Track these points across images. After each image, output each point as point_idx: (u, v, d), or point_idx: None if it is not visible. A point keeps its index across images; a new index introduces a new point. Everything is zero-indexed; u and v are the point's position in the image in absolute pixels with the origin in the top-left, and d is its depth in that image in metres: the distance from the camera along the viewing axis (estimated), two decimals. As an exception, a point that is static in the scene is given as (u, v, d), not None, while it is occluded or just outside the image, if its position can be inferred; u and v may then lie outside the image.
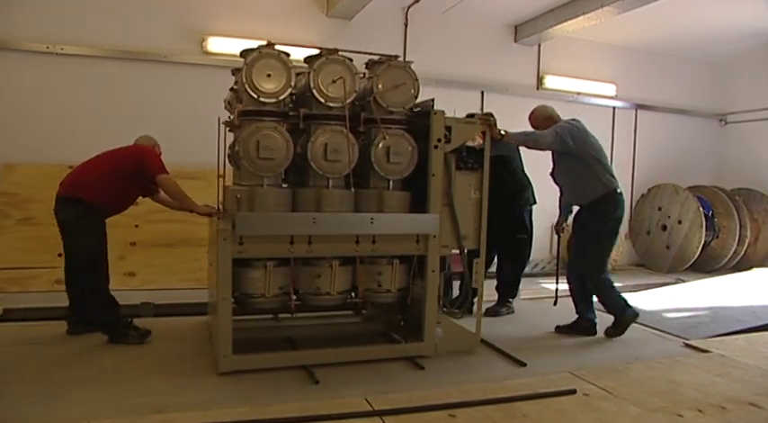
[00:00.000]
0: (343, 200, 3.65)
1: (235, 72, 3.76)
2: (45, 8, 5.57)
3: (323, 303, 3.79)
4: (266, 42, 3.55)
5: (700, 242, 7.58)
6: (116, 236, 5.43)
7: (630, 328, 4.86)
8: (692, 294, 6.16)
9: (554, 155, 4.51)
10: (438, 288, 3.86)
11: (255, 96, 3.51)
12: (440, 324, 3.89)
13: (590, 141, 4.30)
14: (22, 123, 5.55)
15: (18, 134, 5.53)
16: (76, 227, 3.91)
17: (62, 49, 5.58)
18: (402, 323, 4.23)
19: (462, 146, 3.88)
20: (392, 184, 3.78)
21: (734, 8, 6.78)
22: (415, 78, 3.81)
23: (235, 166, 3.72)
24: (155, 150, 4.21)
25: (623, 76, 8.24)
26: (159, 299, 5.07)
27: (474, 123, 3.93)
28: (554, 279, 5.13)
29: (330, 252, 3.66)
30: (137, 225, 5.57)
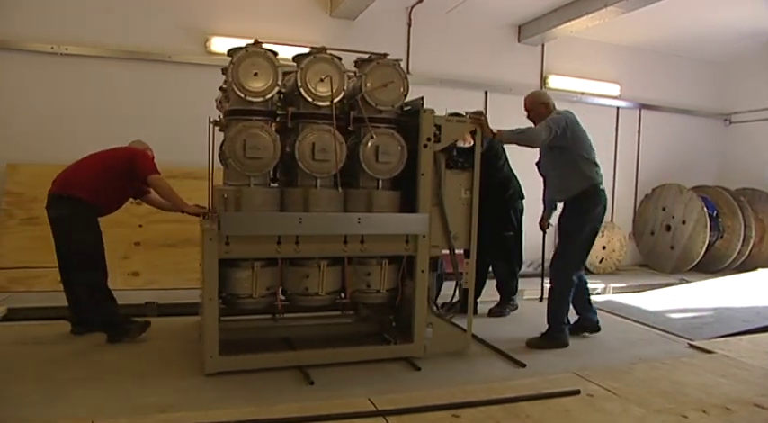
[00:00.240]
0: (331, 200, 3.62)
1: (224, 71, 3.72)
2: (49, 9, 5.59)
3: (311, 304, 3.75)
4: (253, 41, 3.52)
5: (704, 242, 7.56)
6: (120, 236, 5.50)
7: (634, 329, 4.87)
8: (696, 295, 6.13)
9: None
10: (429, 289, 3.82)
11: (242, 95, 3.47)
12: (431, 325, 3.85)
13: (581, 135, 4.18)
14: (27, 123, 5.58)
15: (22, 134, 5.55)
16: (69, 224, 3.91)
17: (66, 49, 5.60)
18: (394, 324, 4.19)
19: (453, 145, 3.84)
20: (381, 183, 3.74)
21: (738, 8, 6.76)
22: (404, 77, 3.76)
23: (224, 166, 3.69)
24: (146, 152, 4.22)
25: (627, 76, 8.22)
26: (163, 298, 5.08)
27: (464, 122, 3.87)
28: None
29: (318, 252, 3.63)
30: (141, 225, 5.59)
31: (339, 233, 3.60)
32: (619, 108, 8.28)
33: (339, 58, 3.66)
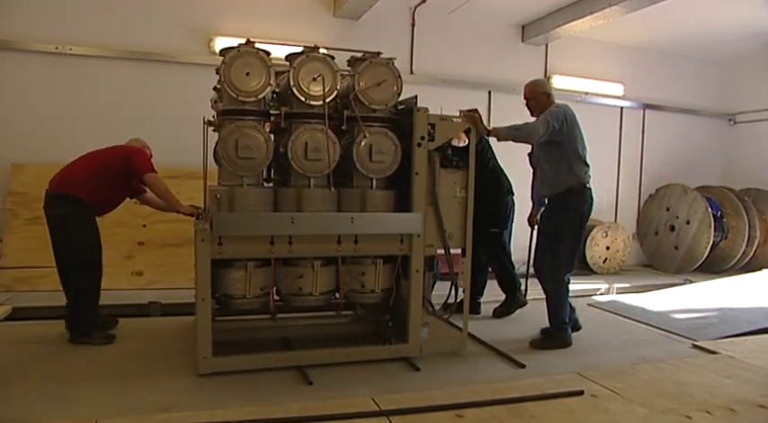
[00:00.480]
0: (324, 199, 3.60)
1: (218, 71, 3.69)
2: (52, 9, 5.61)
3: (305, 304, 3.73)
4: (245, 40, 3.51)
5: (708, 243, 7.53)
6: (124, 235, 5.52)
7: (638, 329, 4.85)
8: (700, 295, 6.11)
9: None
10: (424, 288, 3.80)
11: (235, 95, 3.46)
12: (426, 325, 3.82)
13: (577, 132, 4.12)
14: (31, 123, 5.59)
15: (26, 134, 5.57)
16: (67, 223, 3.89)
17: (71, 49, 5.62)
18: (390, 324, 4.15)
19: (447, 144, 3.81)
20: (375, 183, 3.72)
21: (742, 8, 6.74)
22: (398, 75, 3.73)
23: (218, 166, 3.68)
24: (144, 151, 4.20)
25: (631, 76, 8.20)
26: (167, 298, 5.09)
27: (458, 121, 3.83)
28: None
29: (312, 252, 3.61)
30: (144, 225, 5.60)
31: (332, 233, 3.58)
32: (623, 108, 8.26)
33: (332, 58, 3.64)
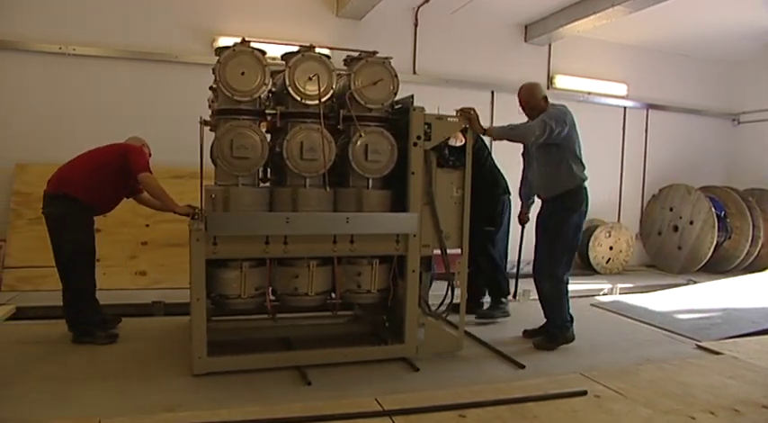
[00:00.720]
0: (320, 199, 3.59)
1: (214, 70, 3.69)
2: (55, 9, 5.63)
3: (301, 304, 3.71)
4: (240, 39, 3.50)
5: (712, 243, 7.51)
6: (127, 235, 5.54)
7: (641, 330, 4.84)
8: (704, 295, 6.10)
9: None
10: (420, 289, 3.78)
11: (230, 95, 3.46)
12: (423, 325, 3.80)
13: (575, 133, 4.10)
14: (34, 123, 5.61)
15: (27, 134, 5.58)
16: (62, 223, 3.89)
17: (74, 49, 5.63)
18: (387, 324, 4.12)
19: (444, 143, 3.79)
20: (371, 182, 3.70)
21: (745, 8, 6.72)
22: (394, 75, 3.71)
23: (214, 166, 3.67)
24: (142, 149, 4.18)
25: (634, 76, 8.18)
26: (170, 298, 5.09)
27: (454, 120, 3.80)
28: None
29: (307, 252, 3.60)
30: (147, 225, 5.61)
31: (327, 233, 3.57)
32: (626, 108, 8.25)
33: (328, 57, 3.63)
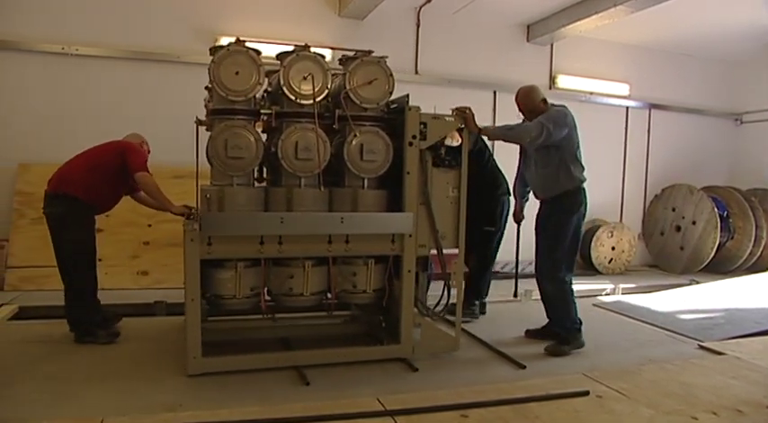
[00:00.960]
0: (315, 199, 3.57)
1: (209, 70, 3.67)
2: (57, 9, 5.64)
3: (296, 304, 3.70)
4: (235, 39, 3.50)
5: (714, 243, 7.50)
6: (129, 235, 5.54)
7: (643, 330, 4.83)
8: (706, 296, 6.08)
9: None
10: (416, 289, 3.76)
11: (224, 94, 3.45)
12: (419, 326, 3.78)
13: (575, 133, 4.06)
14: (35, 123, 5.62)
15: (31, 134, 5.60)
16: (63, 222, 3.89)
17: (77, 49, 5.65)
18: (383, 324, 4.07)
19: (440, 143, 3.77)
20: (367, 182, 3.68)
21: (747, 7, 6.71)
22: (390, 74, 3.69)
23: (210, 166, 3.66)
24: (139, 147, 4.17)
25: (637, 76, 8.18)
26: (172, 298, 5.08)
27: (450, 119, 3.78)
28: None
29: (302, 252, 3.58)
30: (150, 224, 5.61)
31: (322, 233, 3.55)
32: (628, 108, 8.24)
33: (323, 56, 3.62)
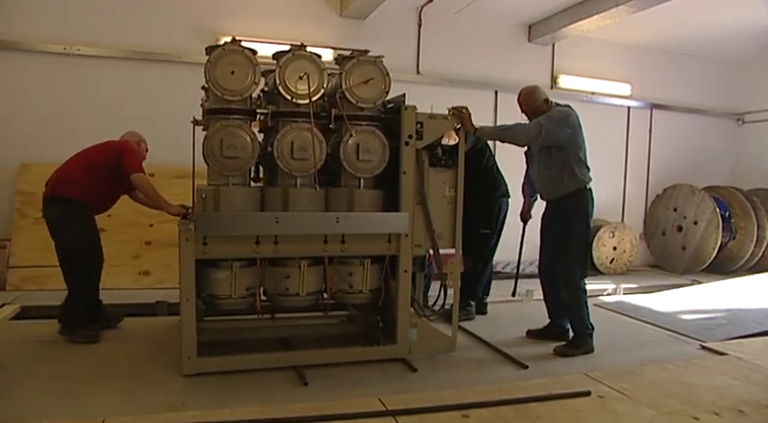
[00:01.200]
0: (311, 199, 3.56)
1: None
2: (58, 9, 5.65)
3: (292, 304, 3.69)
4: (231, 38, 3.50)
5: (716, 243, 7.49)
6: (131, 235, 5.55)
7: (645, 330, 4.83)
8: (708, 296, 6.08)
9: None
10: (413, 289, 3.76)
11: (220, 94, 3.43)
12: (416, 326, 3.77)
13: (580, 133, 4.03)
14: (35, 123, 5.63)
15: (31, 134, 5.61)
16: (60, 225, 3.89)
17: (79, 49, 5.66)
18: (380, 325, 4.04)
19: (437, 142, 3.76)
20: (363, 182, 3.66)
21: (748, 8, 6.71)
22: (386, 73, 3.67)
23: (207, 165, 3.64)
24: (135, 147, 4.15)
25: (638, 76, 8.17)
26: (173, 298, 5.07)
27: (447, 119, 3.77)
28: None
29: (298, 252, 3.57)
30: (151, 224, 5.62)
31: (317, 233, 3.54)
32: (630, 108, 8.24)
33: (319, 56, 3.62)
